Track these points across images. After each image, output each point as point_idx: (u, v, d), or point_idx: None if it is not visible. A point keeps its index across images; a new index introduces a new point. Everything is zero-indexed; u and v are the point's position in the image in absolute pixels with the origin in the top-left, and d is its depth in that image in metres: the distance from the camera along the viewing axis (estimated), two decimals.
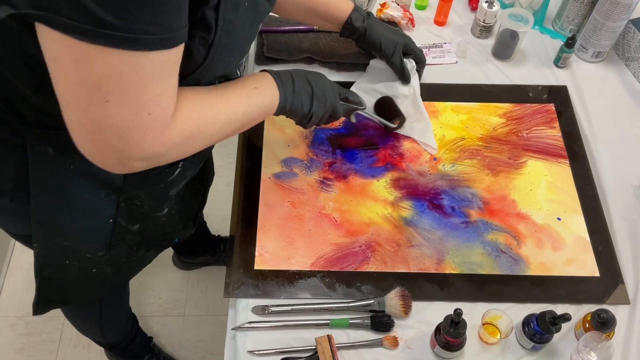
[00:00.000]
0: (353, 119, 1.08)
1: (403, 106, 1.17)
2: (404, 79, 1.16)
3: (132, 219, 0.96)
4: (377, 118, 1.13)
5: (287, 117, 0.95)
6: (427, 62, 1.31)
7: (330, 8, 1.11)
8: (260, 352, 0.93)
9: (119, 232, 0.95)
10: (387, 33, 1.13)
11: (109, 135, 0.62)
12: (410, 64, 1.16)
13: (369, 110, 1.11)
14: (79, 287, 1.07)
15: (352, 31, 1.13)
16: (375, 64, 1.20)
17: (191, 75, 0.72)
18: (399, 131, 1.18)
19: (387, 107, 1.16)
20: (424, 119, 1.18)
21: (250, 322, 0.96)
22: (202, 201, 1.25)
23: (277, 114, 0.91)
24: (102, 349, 1.66)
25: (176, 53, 0.62)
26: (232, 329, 0.96)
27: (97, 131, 0.62)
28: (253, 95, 0.84)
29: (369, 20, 1.12)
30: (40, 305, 1.05)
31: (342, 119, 1.08)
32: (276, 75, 0.89)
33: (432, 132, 1.18)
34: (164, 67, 0.61)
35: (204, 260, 1.82)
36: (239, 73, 0.86)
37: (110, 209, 0.91)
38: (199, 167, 1.03)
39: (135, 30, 0.55)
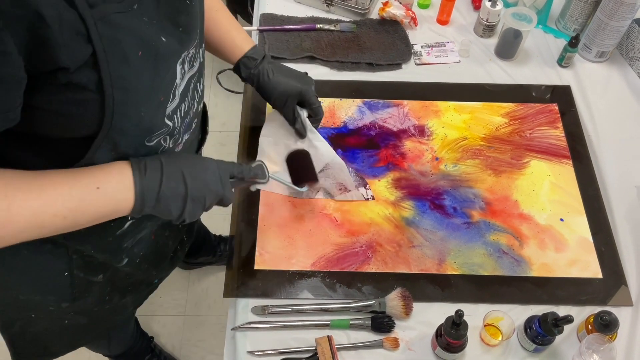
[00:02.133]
0: (253, 189, 0.96)
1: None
2: (297, 132, 1.01)
3: (91, 270, 0.88)
4: (282, 180, 0.96)
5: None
6: (430, 61, 1.30)
7: (225, 47, 0.97)
8: (259, 353, 0.92)
9: (81, 284, 0.89)
10: (282, 79, 0.98)
11: None
12: (303, 114, 1.01)
13: (279, 170, 1.02)
14: (57, 338, 1.01)
15: (242, 77, 1.01)
16: (274, 114, 1.06)
17: (96, 139, 0.65)
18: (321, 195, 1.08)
19: (300, 164, 1.02)
20: (338, 174, 1.05)
21: (250, 323, 0.95)
22: (189, 235, 1.15)
23: (131, 217, 0.76)
24: None
25: None
26: (232, 329, 0.95)
27: None
28: (89, 197, 0.66)
29: (262, 65, 0.98)
30: None
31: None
32: (138, 174, 0.70)
33: (353, 184, 1.08)
34: None
35: (204, 260, 1.81)
36: (170, 123, 0.73)
37: (61, 263, 0.84)
38: None
39: None
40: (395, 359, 0.93)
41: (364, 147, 1.16)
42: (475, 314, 0.95)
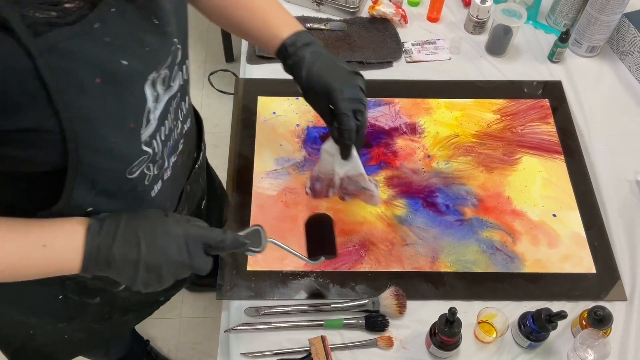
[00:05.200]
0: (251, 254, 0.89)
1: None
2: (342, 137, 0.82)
3: (87, 294, 0.85)
4: (289, 249, 0.85)
5: None
6: (421, 59, 1.30)
7: (263, 37, 0.86)
8: (253, 354, 0.92)
9: (76, 306, 0.86)
10: (316, 73, 0.82)
11: None
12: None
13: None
14: (59, 348, 1.00)
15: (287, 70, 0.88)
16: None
17: (67, 179, 0.61)
18: None
19: (320, 233, 0.94)
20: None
21: (243, 324, 0.95)
22: None
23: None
24: None
25: None
26: (225, 331, 0.95)
27: None
28: (34, 255, 0.64)
29: (300, 54, 0.83)
30: None
31: None
32: (91, 235, 0.66)
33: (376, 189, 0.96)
34: None
35: (210, 282, 1.78)
36: (149, 150, 0.68)
37: (54, 289, 0.81)
38: None
39: None
40: (390, 357, 0.92)
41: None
42: (469, 311, 0.95)
